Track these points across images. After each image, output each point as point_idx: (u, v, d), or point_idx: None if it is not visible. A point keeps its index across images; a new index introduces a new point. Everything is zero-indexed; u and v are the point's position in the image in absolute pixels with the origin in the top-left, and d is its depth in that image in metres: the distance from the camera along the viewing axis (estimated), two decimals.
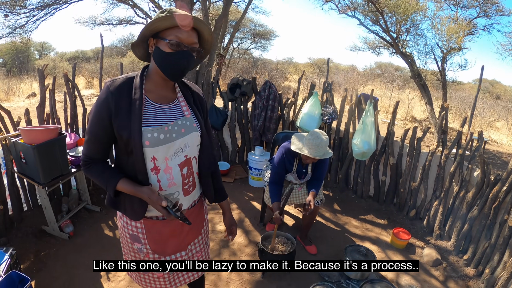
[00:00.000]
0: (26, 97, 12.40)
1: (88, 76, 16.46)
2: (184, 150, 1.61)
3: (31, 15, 8.00)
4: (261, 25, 20.53)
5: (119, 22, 11.65)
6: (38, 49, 25.31)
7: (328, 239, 3.94)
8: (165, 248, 1.74)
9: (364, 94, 4.85)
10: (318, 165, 3.44)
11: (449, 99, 12.41)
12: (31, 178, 3.40)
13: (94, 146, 1.55)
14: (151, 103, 1.53)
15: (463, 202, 3.71)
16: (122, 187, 1.53)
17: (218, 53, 9.47)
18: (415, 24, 8.72)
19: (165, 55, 1.45)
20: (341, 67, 28.29)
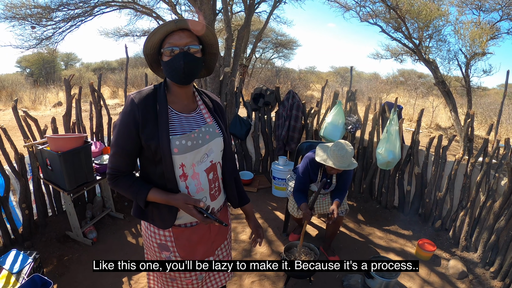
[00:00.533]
0: (52, 106, 12.69)
1: (113, 86, 16.76)
2: (209, 155, 1.66)
3: (57, 27, 8.19)
4: (283, 34, 20.51)
5: (143, 33, 11.82)
6: (64, 59, 25.92)
7: (352, 250, 3.90)
8: (194, 254, 1.75)
9: (388, 102, 4.79)
10: (342, 175, 3.41)
11: (474, 106, 12.14)
12: (57, 184, 3.47)
13: (121, 159, 1.57)
14: (175, 113, 1.59)
15: (490, 212, 3.62)
16: (153, 197, 1.56)
17: (241, 63, 9.53)
18: (437, 30, 8.59)
19: (166, 64, 1.52)
20: (363, 75, 28.08)
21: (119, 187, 1.60)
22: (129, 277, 3.26)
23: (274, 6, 9.38)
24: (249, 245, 3.86)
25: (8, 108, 11.85)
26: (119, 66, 25.43)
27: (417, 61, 9.59)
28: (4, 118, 10.10)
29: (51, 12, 7.84)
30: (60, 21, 8.12)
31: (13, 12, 7.56)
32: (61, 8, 7.86)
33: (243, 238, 4.01)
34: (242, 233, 4.11)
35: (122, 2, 8.51)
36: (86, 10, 8.11)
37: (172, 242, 1.69)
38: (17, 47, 8.05)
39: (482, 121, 12.15)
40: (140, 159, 1.64)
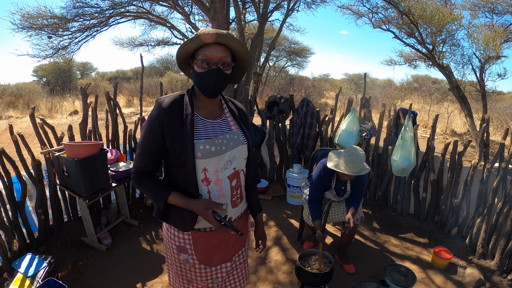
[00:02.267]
0: (69, 114, 12.87)
1: (128, 95, 16.97)
2: (233, 162, 1.69)
3: (73, 37, 8.34)
4: (296, 42, 20.50)
5: (157, 43, 11.94)
6: (80, 69, 26.25)
7: (367, 258, 3.87)
8: (212, 259, 1.78)
9: (402, 108, 4.76)
10: (357, 182, 3.39)
11: (489, 111, 11.99)
12: (73, 190, 3.52)
13: (146, 160, 1.64)
14: (201, 118, 1.63)
15: (507, 218, 3.56)
16: (173, 200, 1.60)
17: (255, 71, 9.56)
18: (450, 35, 8.52)
19: (197, 75, 1.57)
20: (377, 82, 27.94)
21: (141, 187, 1.66)
22: (143, 283, 3.29)
23: (287, 15, 9.40)
24: (263, 253, 3.86)
25: (26, 115, 12.07)
26: (134, 75, 25.74)
27: (431, 67, 9.55)
28: (21, 126, 10.28)
29: (67, 23, 7.99)
30: (76, 31, 8.27)
31: (30, 22, 7.73)
32: (77, 19, 8.00)
33: None
34: None
35: (136, 13, 8.63)
36: (102, 21, 8.24)
37: (191, 245, 1.72)
38: (34, 56, 8.23)
39: (498, 126, 12.00)
40: (165, 161, 1.69)
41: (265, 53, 12.04)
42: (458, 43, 9.00)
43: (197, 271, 1.78)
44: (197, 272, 1.78)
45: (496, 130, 11.83)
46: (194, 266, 1.77)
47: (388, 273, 3.15)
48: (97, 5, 7.96)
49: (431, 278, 3.56)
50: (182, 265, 1.79)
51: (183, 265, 1.79)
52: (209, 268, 1.79)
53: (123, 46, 11.76)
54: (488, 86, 9.12)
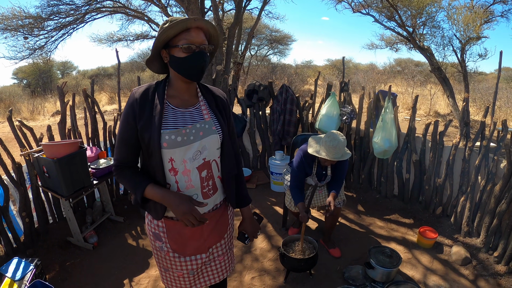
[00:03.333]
0: (51, 115, 12.72)
1: (110, 92, 16.79)
2: (202, 153, 1.65)
3: (49, 36, 8.23)
4: (277, 30, 20.47)
5: (136, 37, 11.85)
6: (60, 68, 25.85)
7: (352, 241, 3.88)
8: (185, 249, 1.78)
9: (382, 91, 4.77)
10: (337, 166, 3.38)
11: (472, 91, 12.09)
12: (55, 191, 3.48)
13: (124, 151, 1.63)
14: (171, 108, 1.61)
15: (491, 196, 3.58)
16: (150, 194, 1.59)
17: (235, 60, 9.51)
18: (430, 17, 8.54)
19: (182, 60, 1.53)
20: (360, 66, 27.99)
21: (121, 179, 1.66)
22: (130, 279, 3.27)
23: (265, 2, 9.33)
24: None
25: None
26: (115, 71, 25.34)
27: (412, 49, 9.55)
28: (3, 130, 10.12)
29: (42, 22, 7.87)
30: (52, 30, 8.17)
31: (4, 24, 7.59)
32: (52, 17, 7.90)
33: None
34: None
35: (113, 8, 8.53)
36: (77, 18, 8.14)
37: (164, 233, 1.74)
38: (10, 58, 8.12)
39: (481, 106, 12.11)
40: (141, 152, 1.69)
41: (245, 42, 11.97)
42: (438, 25, 9.03)
43: (172, 259, 1.78)
44: (171, 260, 1.78)
45: (478, 110, 11.93)
46: (168, 254, 1.77)
47: (373, 255, 3.17)
48: (72, 2, 7.86)
49: (418, 258, 3.58)
50: (159, 252, 1.80)
51: (159, 252, 1.79)
52: (183, 258, 1.78)
53: (101, 42, 11.63)
54: (469, 67, 9.17)
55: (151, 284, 3.19)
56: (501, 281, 3.22)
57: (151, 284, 3.19)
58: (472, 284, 3.21)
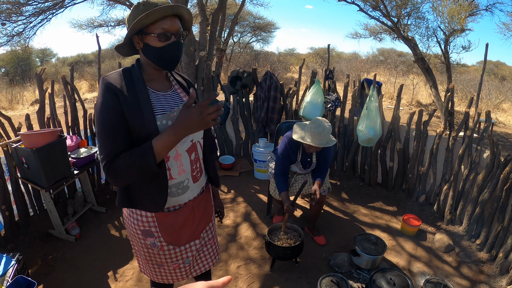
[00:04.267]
0: (30, 104, 12.45)
1: (91, 80, 16.52)
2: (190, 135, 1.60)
3: (28, 21, 8.04)
4: (260, 17, 20.36)
5: (117, 23, 11.65)
6: (40, 56, 25.22)
7: (337, 229, 3.89)
8: (179, 238, 1.74)
9: (367, 79, 4.78)
10: (322, 154, 3.37)
11: (454, 82, 12.26)
12: (34, 182, 3.38)
13: (115, 139, 1.41)
14: (153, 92, 1.53)
15: (474, 185, 3.63)
16: (160, 145, 1.37)
17: (218, 47, 9.43)
18: (415, 8, 8.62)
19: (157, 50, 1.46)
20: (344, 55, 28.09)
21: (119, 168, 1.39)
22: (114, 270, 3.21)
23: None
24: (233, 229, 3.84)
25: None
26: (95, 58, 24.87)
27: (396, 39, 9.64)
28: None
29: (20, 7, 7.67)
30: (30, 16, 7.97)
31: None
32: (30, 2, 7.67)
33: (227, 222, 3.98)
34: (226, 218, 4.07)
35: None
36: (57, 2, 7.95)
37: (156, 227, 1.66)
38: None
39: (462, 97, 12.31)
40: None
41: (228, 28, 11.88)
42: (423, 16, 9.13)
43: (166, 253, 1.74)
44: (166, 255, 1.74)
45: (460, 101, 12.12)
46: (162, 248, 1.72)
47: (358, 243, 3.17)
48: None
49: (402, 245, 3.61)
50: (150, 249, 1.73)
51: (151, 250, 1.73)
52: (178, 248, 1.75)
53: (81, 28, 11.39)
54: (452, 58, 9.31)
55: (135, 276, 3.14)
56: (483, 267, 3.27)
57: (135, 275, 3.15)
58: (455, 270, 3.25)
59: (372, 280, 2.74)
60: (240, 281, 3.08)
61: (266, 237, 3.06)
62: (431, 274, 3.18)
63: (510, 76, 20.38)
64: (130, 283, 3.06)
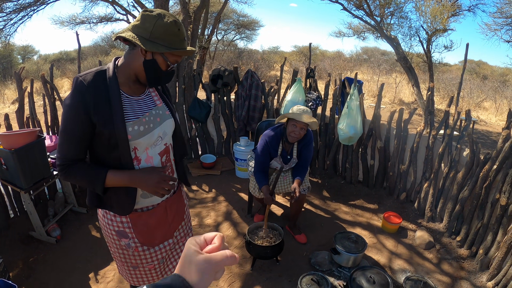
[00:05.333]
0: (11, 103, 12.22)
1: (72, 77, 16.27)
2: (164, 138, 1.66)
3: (8, 18, 7.92)
4: (244, 15, 20.35)
5: (100, 20, 11.52)
6: (21, 53, 24.76)
7: (318, 227, 3.90)
8: (153, 239, 1.74)
9: (348, 78, 4.80)
10: (303, 151, 3.38)
11: (436, 81, 12.44)
12: (14, 184, 3.31)
13: (73, 146, 1.46)
14: (126, 97, 1.53)
15: (454, 182, 3.67)
16: (113, 179, 1.50)
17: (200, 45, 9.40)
18: (398, 7, 8.70)
19: (160, 71, 1.51)
20: (327, 54, 28.20)
21: (71, 177, 1.50)
22: (95, 272, 3.17)
23: None
24: (214, 229, 3.82)
25: None
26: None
27: (379, 38, 9.73)
28: None
29: (1, 4, 7.52)
30: (11, 12, 7.86)
31: None
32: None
33: (208, 222, 3.96)
34: (206, 217, 4.06)
35: None
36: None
37: (130, 228, 1.66)
38: None
39: (444, 96, 12.46)
40: (92, 144, 1.54)
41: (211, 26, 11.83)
42: (406, 15, 9.22)
43: (141, 254, 1.73)
44: (141, 256, 1.74)
45: (442, 99, 12.27)
46: (137, 249, 1.71)
47: (339, 241, 3.19)
48: None
49: (383, 243, 3.63)
50: (125, 251, 1.72)
51: (126, 251, 1.72)
52: (153, 249, 1.75)
53: (63, 25, 11.25)
54: (434, 58, 9.43)
55: (117, 277, 3.10)
56: (463, 264, 3.31)
57: (117, 276, 3.11)
58: (436, 267, 3.29)
59: (352, 278, 2.75)
60: (221, 280, 3.06)
61: (246, 236, 3.05)
62: (412, 271, 3.21)
63: (492, 75, 20.70)
64: (111, 284, 3.02)
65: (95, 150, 1.56)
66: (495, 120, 10.86)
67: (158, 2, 5.47)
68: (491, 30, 9.63)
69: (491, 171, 3.27)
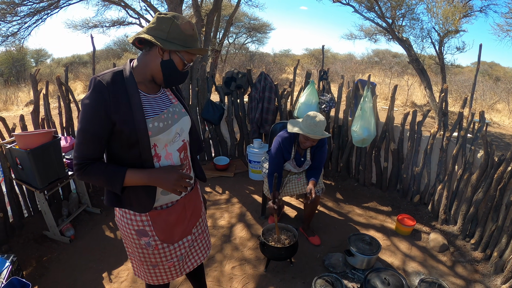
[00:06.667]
0: (25, 105, 12.39)
1: (86, 80, 16.48)
2: (181, 135, 1.69)
3: (22, 22, 8.02)
4: (255, 18, 20.47)
5: (112, 24, 11.65)
6: (34, 56, 25.11)
7: (332, 229, 3.89)
8: (173, 236, 1.77)
9: (361, 80, 4.78)
10: (316, 153, 3.38)
11: (448, 83, 12.33)
12: (29, 183, 3.36)
13: (92, 145, 1.47)
14: (144, 95, 1.57)
15: (468, 184, 3.65)
16: (131, 179, 1.53)
17: (213, 48, 9.45)
18: (410, 9, 8.65)
19: (177, 71, 1.56)
20: (338, 56, 28.19)
21: (89, 176, 1.50)
22: (109, 271, 3.20)
23: None
24: (227, 230, 3.83)
25: None
26: (90, 59, 24.78)
27: (390, 40, 9.66)
28: None
29: (15, 7, 7.65)
30: (25, 16, 7.96)
31: None
32: (25, 2, 7.66)
33: (222, 223, 3.97)
34: (220, 219, 4.07)
35: None
36: (52, 3, 7.93)
37: (150, 226, 1.69)
38: None
39: (457, 98, 12.36)
40: (109, 143, 1.56)
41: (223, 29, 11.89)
42: (417, 17, 9.16)
43: (161, 252, 1.76)
44: (161, 254, 1.76)
45: (455, 101, 12.16)
46: (157, 248, 1.74)
47: (353, 243, 3.18)
48: None
49: (396, 245, 3.61)
50: (145, 250, 1.74)
51: (146, 250, 1.74)
52: (172, 246, 1.78)
53: (76, 29, 11.40)
54: (447, 59, 9.35)
55: (130, 277, 3.12)
56: (478, 267, 3.28)
57: (130, 276, 3.13)
58: (450, 270, 3.26)
59: (367, 280, 2.74)
60: (235, 281, 3.08)
61: (260, 238, 3.06)
62: (426, 273, 3.19)
63: (504, 76, 20.46)
64: (124, 284, 3.04)
65: (113, 149, 1.58)
66: (509, 122, 10.75)
67: (172, 6, 5.52)
68: (503, 30, 9.52)
69: (505, 172, 3.24)
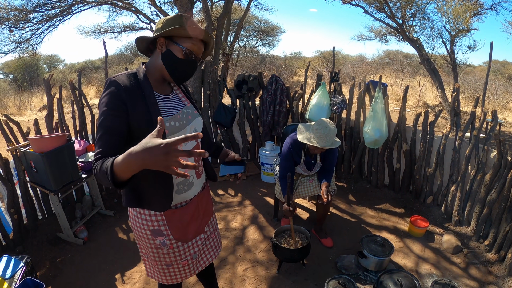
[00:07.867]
0: (38, 110, 12.55)
1: (98, 85, 16.64)
2: None
3: (35, 28, 8.12)
4: (266, 21, 20.46)
5: (124, 29, 11.77)
6: (47, 62, 25.42)
7: (344, 231, 3.88)
8: (187, 234, 1.80)
9: (372, 81, 4.75)
10: (327, 155, 3.37)
11: (460, 83, 12.22)
12: (43, 186, 3.41)
13: (111, 139, 1.41)
14: (158, 95, 1.61)
15: (481, 185, 3.61)
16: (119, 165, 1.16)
17: (224, 51, 9.49)
18: (420, 8, 8.58)
19: (178, 61, 1.55)
20: (349, 58, 28.12)
21: (96, 171, 1.32)
22: (122, 273, 3.23)
23: None
24: (240, 232, 3.84)
25: None
26: (102, 64, 25.02)
27: (401, 41, 9.60)
28: None
29: (28, 14, 7.74)
30: (38, 22, 8.06)
31: None
32: (38, 9, 7.76)
33: (234, 225, 3.99)
34: (233, 221, 4.09)
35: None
36: (64, 9, 8.02)
37: (165, 225, 1.71)
38: None
39: (469, 98, 12.23)
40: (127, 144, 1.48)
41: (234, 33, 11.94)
42: (427, 16, 9.07)
43: (176, 251, 1.78)
44: (175, 252, 1.79)
45: (467, 101, 12.04)
46: (171, 247, 1.76)
47: (365, 244, 3.17)
48: None
49: (409, 247, 3.59)
50: (160, 249, 1.76)
51: (160, 250, 1.76)
52: (186, 244, 1.82)
53: (88, 34, 11.53)
54: (458, 59, 9.24)
55: (143, 278, 3.15)
56: (492, 268, 3.25)
57: (143, 278, 3.16)
58: (464, 272, 3.23)
59: (380, 281, 2.73)
60: (247, 283, 3.09)
61: (273, 239, 3.07)
62: (439, 275, 3.16)
63: None
64: (137, 285, 3.07)
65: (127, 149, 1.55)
66: None
67: (182, 10, 5.56)
68: None
69: None
